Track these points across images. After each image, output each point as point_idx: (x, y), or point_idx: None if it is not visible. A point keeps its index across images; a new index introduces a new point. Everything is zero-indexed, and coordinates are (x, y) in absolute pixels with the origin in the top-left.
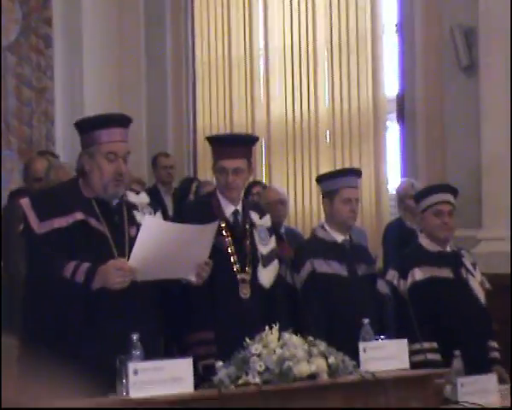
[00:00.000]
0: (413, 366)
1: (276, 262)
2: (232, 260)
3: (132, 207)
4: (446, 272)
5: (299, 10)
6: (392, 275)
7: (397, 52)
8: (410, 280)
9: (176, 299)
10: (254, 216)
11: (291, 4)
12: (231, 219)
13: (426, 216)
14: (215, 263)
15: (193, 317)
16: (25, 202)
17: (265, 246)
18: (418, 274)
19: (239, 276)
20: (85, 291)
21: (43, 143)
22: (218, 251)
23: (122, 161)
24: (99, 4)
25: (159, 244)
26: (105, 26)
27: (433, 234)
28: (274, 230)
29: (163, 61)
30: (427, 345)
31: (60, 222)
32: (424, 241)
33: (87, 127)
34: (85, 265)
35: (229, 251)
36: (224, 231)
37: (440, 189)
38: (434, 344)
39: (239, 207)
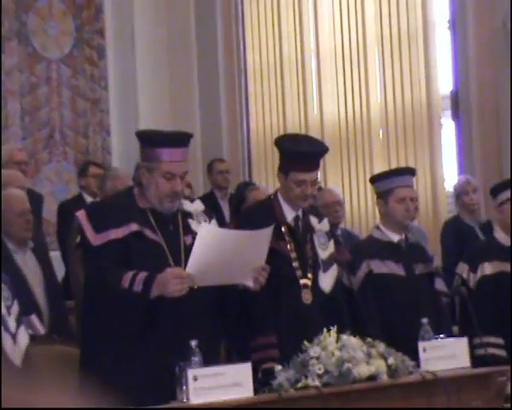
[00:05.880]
0: (475, 359)
1: (334, 266)
2: (294, 265)
3: (187, 215)
4: None
5: (348, 9)
6: (462, 268)
7: (449, 48)
8: (479, 274)
9: (235, 305)
10: (314, 221)
11: (340, 3)
12: (292, 224)
13: (503, 210)
14: (278, 268)
15: (253, 322)
16: (81, 214)
17: (325, 251)
18: (488, 268)
19: (301, 281)
20: (144, 300)
21: (100, 153)
22: (280, 256)
23: (179, 180)
24: (149, 13)
25: (215, 251)
26: (156, 34)
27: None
28: (332, 233)
29: (215, 66)
30: (491, 339)
31: (116, 233)
32: (499, 234)
33: (149, 142)
34: (143, 274)
35: (292, 256)
36: (285, 237)
37: None
38: (500, 340)
39: (299, 213)
